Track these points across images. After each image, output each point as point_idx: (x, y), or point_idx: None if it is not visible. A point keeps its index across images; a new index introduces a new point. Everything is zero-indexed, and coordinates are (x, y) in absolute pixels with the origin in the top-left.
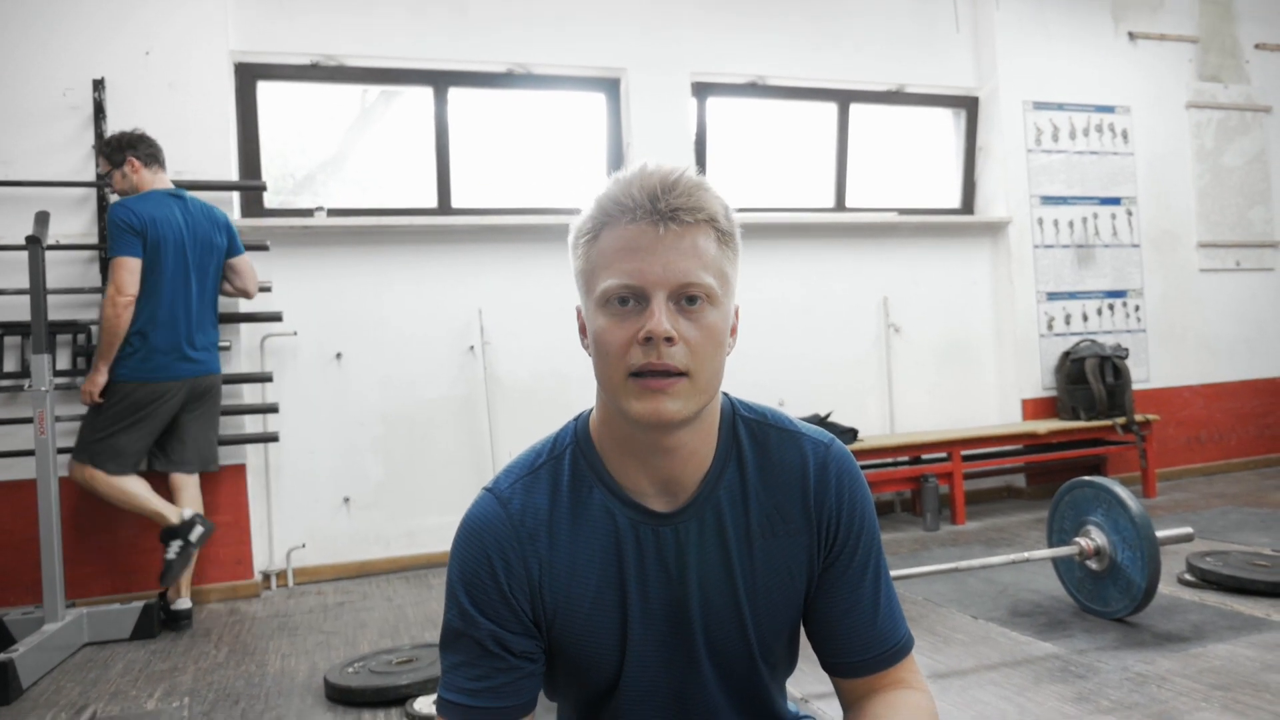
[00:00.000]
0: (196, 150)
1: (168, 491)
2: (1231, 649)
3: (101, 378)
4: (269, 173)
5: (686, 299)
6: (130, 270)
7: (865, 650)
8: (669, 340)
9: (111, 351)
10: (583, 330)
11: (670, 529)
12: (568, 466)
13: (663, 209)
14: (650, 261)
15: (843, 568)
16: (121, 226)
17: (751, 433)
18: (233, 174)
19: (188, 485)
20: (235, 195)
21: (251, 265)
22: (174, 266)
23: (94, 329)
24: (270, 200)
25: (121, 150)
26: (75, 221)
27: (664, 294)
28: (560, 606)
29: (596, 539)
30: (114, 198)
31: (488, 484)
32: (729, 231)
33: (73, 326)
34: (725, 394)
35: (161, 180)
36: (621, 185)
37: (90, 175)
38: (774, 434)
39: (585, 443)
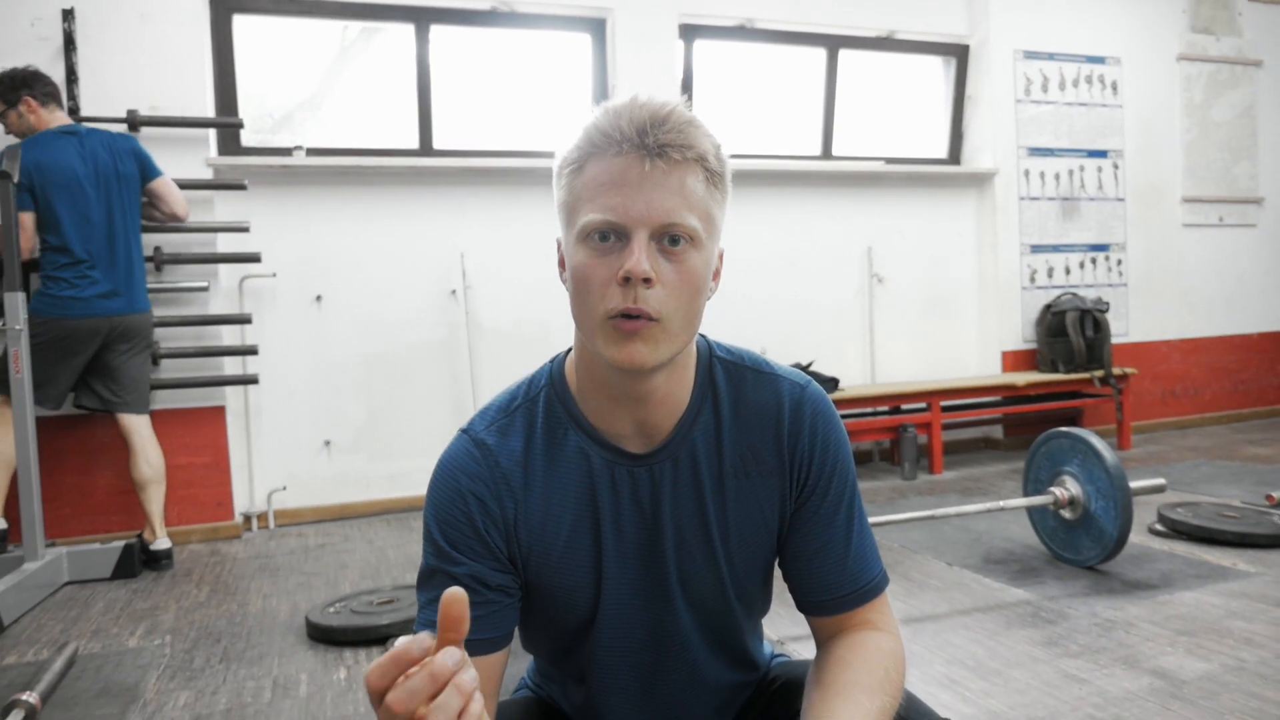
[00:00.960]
0: (169, 85)
1: (122, 436)
2: (1198, 596)
3: None
4: (246, 111)
5: (669, 239)
6: (21, 227)
7: (835, 590)
8: (647, 282)
9: None
10: (561, 264)
11: (645, 470)
12: (542, 408)
13: (651, 144)
14: (634, 198)
15: (814, 508)
16: None
17: (728, 375)
18: (208, 110)
19: (139, 428)
20: (211, 133)
21: (173, 186)
22: (72, 208)
23: None
24: (248, 139)
25: (16, 89)
26: None
27: (646, 233)
28: (535, 547)
29: (571, 480)
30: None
31: (463, 425)
32: (719, 172)
33: None
34: (703, 336)
35: (58, 119)
36: (610, 116)
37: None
38: (750, 376)
39: (560, 385)
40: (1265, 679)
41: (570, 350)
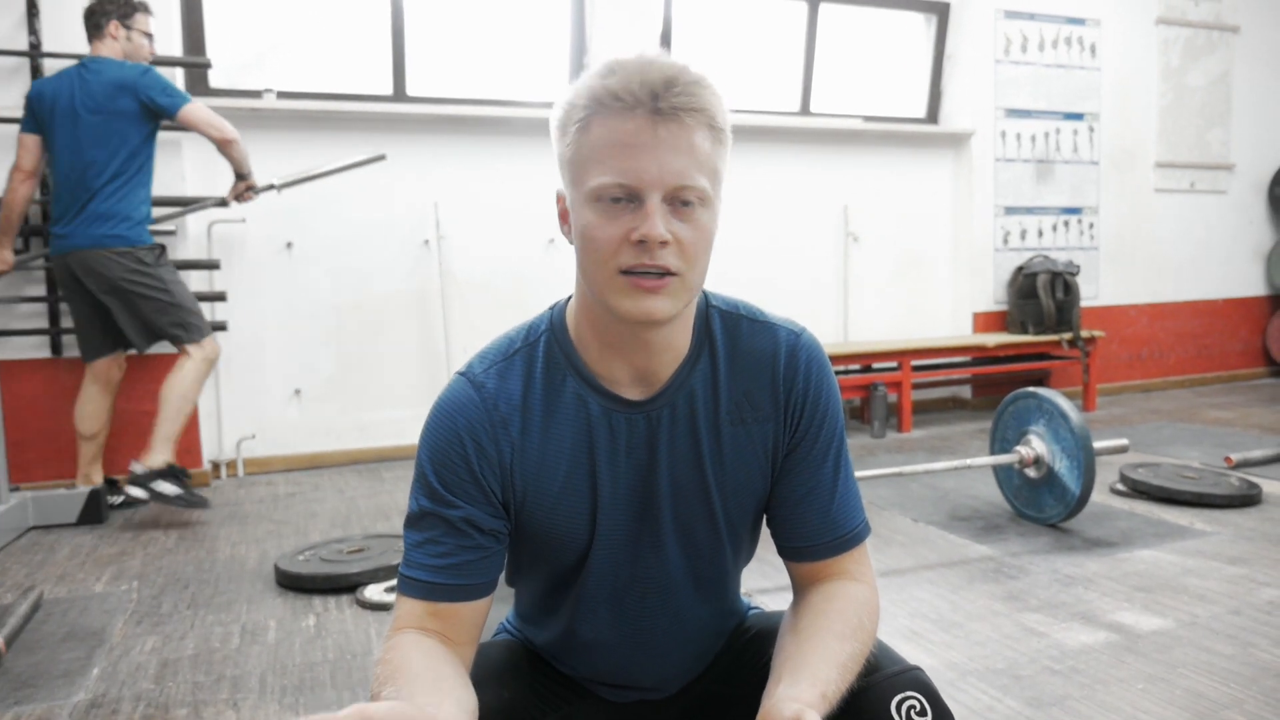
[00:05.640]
0: None
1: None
2: (1156, 554)
3: (4, 252)
4: (215, 51)
5: (681, 201)
6: (21, 145)
7: (817, 536)
8: (663, 244)
9: (7, 226)
10: (563, 217)
11: (642, 416)
12: (542, 354)
13: (663, 107)
14: (646, 161)
15: (804, 453)
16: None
17: (724, 323)
18: (175, 49)
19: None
20: (179, 72)
21: (199, 113)
22: (63, 140)
23: (31, 207)
24: (216, 80)
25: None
26: (7, 93)
27: (659, 195)
28: (530, 491)
29: (569, 426)
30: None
31: (461, 369)
32: (724, 129)
33: None
34: None
35: (95, 49)
36: (620, 76)
37: (23, 43)
38: (745, 324)
39: (560, 332)
40: (1217, 633)
41: (569, 298)
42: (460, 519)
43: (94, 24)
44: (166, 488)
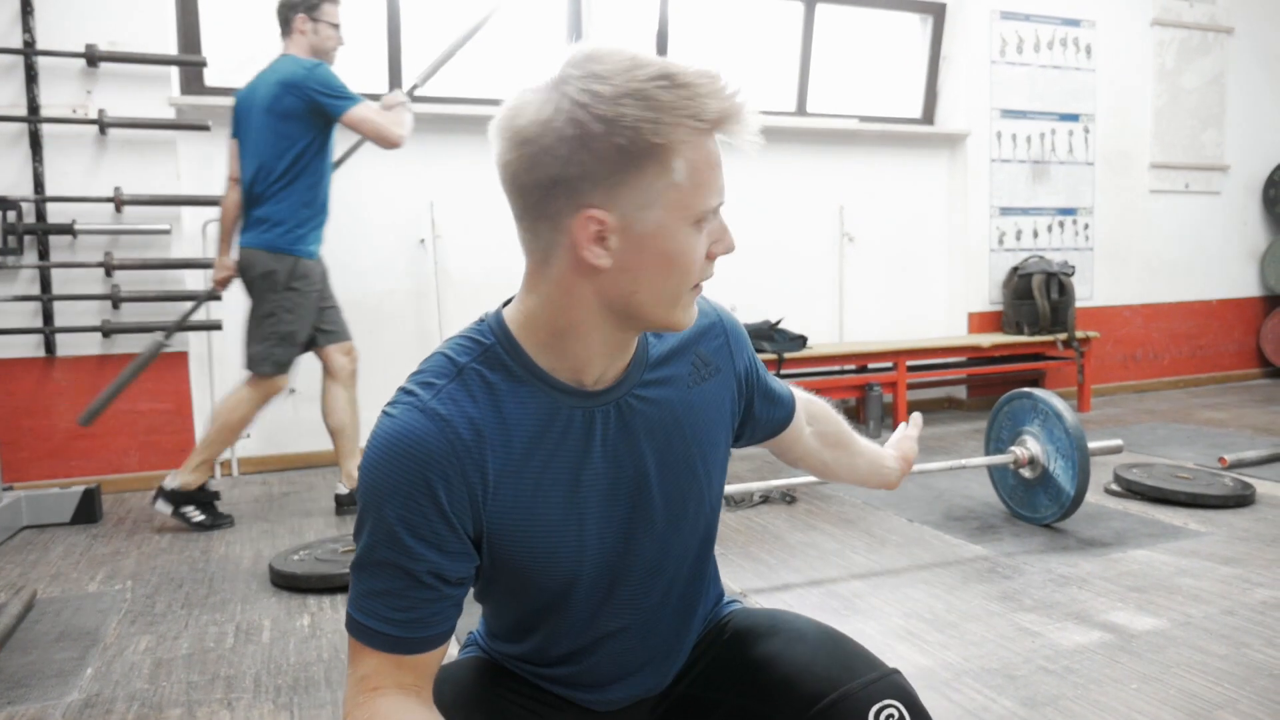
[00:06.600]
0: (130, 20)
1: None
2: (1150, 554)
3: (223, 258)
4: (211, 53)
5: None
6: (230, 151)
7: (789, 404)
8: None
9: (223, 233)
10: (599, 239)
11: (613, 406)
12: (495, 366)
13: (734, 127)
14: (723, 179)
15: (759, 385)
16: None
17: None
18: (170, 48)
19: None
20: (174, 71)
21: (367, 119)
22: (244, 142)
23: (24, 206)
24: (212, 79)
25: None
26: (3, 92)
27: None
28: (508, 516)
29: (543, 434)
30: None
31: (400, 399)
32: None
33: (2, 203)
34: None
35: (285, 47)
36: (717, 96)
37: (17, 41)
38: None
39: (508, 341)
40: (1210, 633)
41: (501, 309)
42: (426, 573)
43: (283, 20)
44: (193, 514)
